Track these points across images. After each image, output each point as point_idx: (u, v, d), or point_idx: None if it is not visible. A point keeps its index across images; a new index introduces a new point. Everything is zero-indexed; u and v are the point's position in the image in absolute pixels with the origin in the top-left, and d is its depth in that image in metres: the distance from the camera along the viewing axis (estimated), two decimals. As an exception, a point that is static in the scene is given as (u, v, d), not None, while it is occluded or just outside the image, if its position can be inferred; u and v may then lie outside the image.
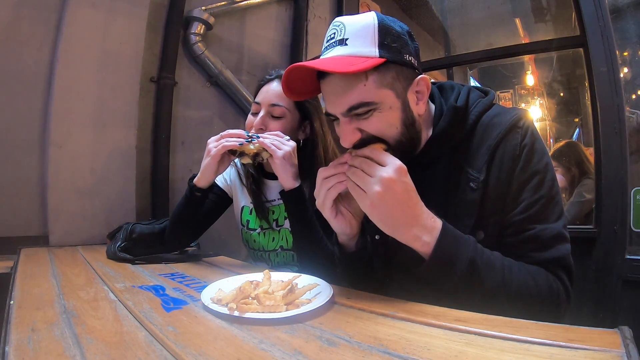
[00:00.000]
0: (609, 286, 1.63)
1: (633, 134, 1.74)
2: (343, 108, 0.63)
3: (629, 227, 1.62)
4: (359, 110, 0.62)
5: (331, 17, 2.62)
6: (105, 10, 1.46)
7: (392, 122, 0.63)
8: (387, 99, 0.62)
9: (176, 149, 1.81)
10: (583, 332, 0.46)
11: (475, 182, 0.64)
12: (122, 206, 1.50)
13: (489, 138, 0.66)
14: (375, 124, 0.63)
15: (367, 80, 0.60)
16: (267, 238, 1.07)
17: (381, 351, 0.44)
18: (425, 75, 0.66)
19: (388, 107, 0.62)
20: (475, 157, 0.66)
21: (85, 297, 0.67)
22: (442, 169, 0.69)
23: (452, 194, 0.66)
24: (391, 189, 0.56)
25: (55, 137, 1.36)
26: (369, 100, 0.61)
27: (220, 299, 0.60)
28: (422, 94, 0.66)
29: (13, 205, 1.32)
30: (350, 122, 0.64)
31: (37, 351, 0.43)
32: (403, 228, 0.58)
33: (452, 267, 0.57)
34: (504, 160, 0.64)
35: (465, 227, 0.63)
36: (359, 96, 0.61)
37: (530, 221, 0.62)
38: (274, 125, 0.97)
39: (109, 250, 1.10)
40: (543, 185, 0.63)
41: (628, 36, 1.86)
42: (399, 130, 0.64)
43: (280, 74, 1.00)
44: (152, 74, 1.74)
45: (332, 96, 0.64)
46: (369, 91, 0.61)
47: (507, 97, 4.18)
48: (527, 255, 0.62)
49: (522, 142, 0.64)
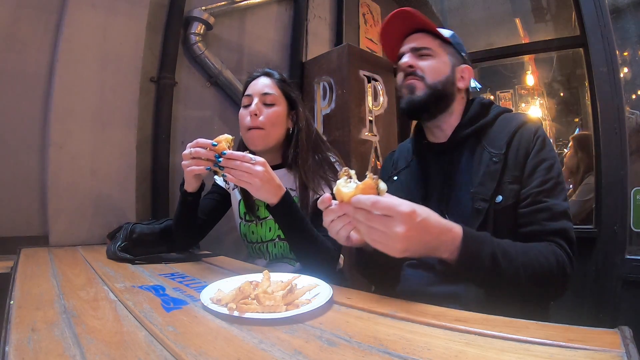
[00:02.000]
0: (609, 286, 1.63)
1: (633, 134, 1.74)
2: (414, 45, 0.88)
3: (629, 227, 1.62)
4: (422, 51, 0.87)
5: (331, 17, 2.62)
6: (105, 10, 1.46)
7: (438, 70, 0.85)
8: (443, 56, 0.87)
9: (176, 149, 1.81)
10: (583, 332, 0.46)
11: (497, 157, 0.79)
12: (122, 206, 1.50)
13: (508, 126, 0.82)
14: (428, 64, 0.85)
15: (436, 40, 0.88)
16: (264, 228, 1.09)
17: (381, 351, 0.44)
18: (469, 66, 0.90)
19: (442, 61, 0.86)
20: (495, 140, 0.81)
21: (85, 297, 0.67)
22: (468, 149, 0.84)
23: (476, 167, 0.80)
24: (411, 239, 0.57)
25: (55, 137, 1.36)
26: (430, 47, 0.87)
27: (220, 299, 0.60)
28: (464, 79, 0.89)
29: (13, 205, 1.32)
30: (412, 55, 0.87)
31: (37, 351, 0.43)
32: (429, 253, 0.63)
33: (477, 265, 0.63)
34: (522, 142, 0.79)
35: (488, 190, 0.76)
36: (427, 43, 0.87)
37: (544, 195, 0.74)
38: (268, 112, 1.02)
39: (109, 250, 1.10)
40: (553, 169, 0.76)
41: (628, 36, 1.86)
42: (441, 79, 0.85)
43: (266, 71, 1.09)
44: (152, 74, 1.74)
45: (412, 40, 0.89)
46: (434, 45, 0.87)
47: (507, 97, 4.18)
48: (540, 223, 0.73)
49: (536, 133, 0.79)
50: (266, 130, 1.01)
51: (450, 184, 0.84)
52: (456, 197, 0.82)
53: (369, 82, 2.16)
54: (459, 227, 0.64)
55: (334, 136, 2.06)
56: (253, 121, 1.01)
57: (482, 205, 0.76)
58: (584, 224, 1.86)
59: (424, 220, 0.59)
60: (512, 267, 0.65)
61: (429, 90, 0.84)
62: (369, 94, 2.14)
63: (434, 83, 0.84)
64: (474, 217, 0.77)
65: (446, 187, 0.84)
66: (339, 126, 2.06)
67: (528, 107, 3.96)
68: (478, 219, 0.76)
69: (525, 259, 0.66)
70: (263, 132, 1.01)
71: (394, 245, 0.58)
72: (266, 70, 1.09)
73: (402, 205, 0.57)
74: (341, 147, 1.99)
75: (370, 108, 2.14)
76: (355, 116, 2.04)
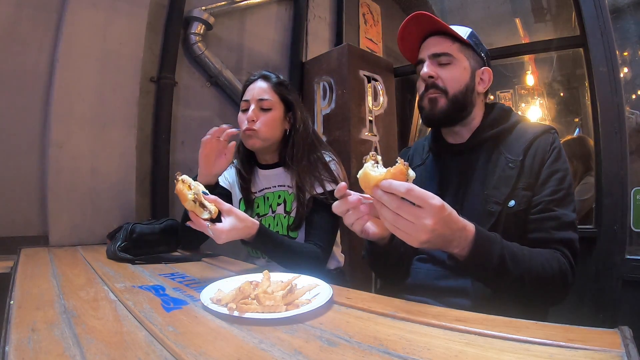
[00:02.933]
0: (609, 286, 1.63)
1: (633, 134, 1.74)
2: (434, 51, 0.86)
3: (629, 227, 1.62)
4: (442, 58, 0.86)
5: (331, 17, 2.62)
6: (105, 10, 1.46)
7: (460, 78, 0.86)
8: (463, 61, 0.86)
9: (176, 149, 1.81)
10: (583, 332, 0.46)
11: (513, 163, 0.81)
12: (122, 206, 1.50)
13: (527, 134, 0.84)
14: (449, 72, 0.85)
15: (455, 44, 0.86)
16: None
17: (381, 351, 0.44)
18: (489, 68, 0.90)
19: (462, 67, 0.86)
20: (513, 146, 0.83)
21: (85, 297, 0.67)
22: (486, 152, 0.85)
23: (492, 171, 0.82)
24: (435, 232, 0.57)
25: (55, 137, 1.36)
26: (451, 53, 0.85)
27: (220, 299, 0.60)
28: (484, 81, 0.90)
29: (13, 205, 1.32)
30: (432, 63, 0.86)
31: (37, 351, 0.43)
32: (443, 247, 0.64)
33: (485, 264, 0.65)
34: (538, 151, 0.81)
35: (502, 194, 0.79)
36: (446, 49, 0.86)
37: (554, 204, 0.77)
38: (264, 117, 1.06)
39: (109, 250, 1.10)
40: (565, 181, 0.79)
41: (628, 36, 1.86)
42: (461, 88, 0.85)
43: (263, 74, 1.11)
44: (152, 74, 1.74)
45: (428, 46, 0.88)
46: (453, 49, 0.86)
47: (507, 97, 4.17)
48: (548, 231, 0.75)
49: (552, 144, 0.82)
50: (262, 134, 1.06)
51: (465, 185, 0.85)
52: (470, 197, 0.83)
53: (368, 82, 2.15)
54: (472, 225, 0.65)
55: (334, 136, 2.06)
56: (250, 126, 1.06)
57: (495, 208, 0.78)
58: (584, 224, 1.86)
59: (449, 215, 0.59)
60: (518, 269, 0.67)
61: (450, 103, 0.85)
62: (369, 94, 2.14)
63: (454, 94, 0.85)
64: (485, 218, 0.78)
65: (461, 187, 0.86)
66: (339, 126, 2.06)
67: (528, 107, 3.96)
68: (489, 220, 0.78)
69: (531, 263, 0.68)
70: (260, 136, 1.06)
71: (418, 236, 0.58)
72: (263, 74, 1.12)
73: (434, 198, 0.57)
74: (341, 147, 1.99)
75: (370, 108, 2.14)
76: (355, 116, 2.04)
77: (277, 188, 1.12)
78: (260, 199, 1.14)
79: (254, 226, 0.87)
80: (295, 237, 1.08)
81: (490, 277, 0.68)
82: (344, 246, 1.26)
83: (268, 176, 1.14)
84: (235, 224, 0.82)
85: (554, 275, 0.70)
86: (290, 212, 1.08)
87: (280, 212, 1.10)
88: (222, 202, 0.82)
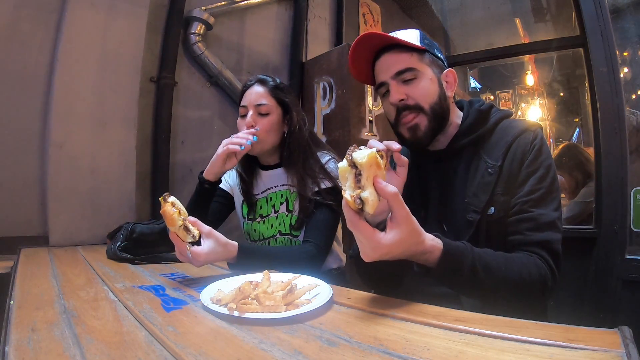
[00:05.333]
0: (609, 286, 1.63)
1: (633, 134, 1.74)
2: (395, 70, 0.79)
3: (629, 227, 1.62)
4: (405, 74, 0.79)
5: (331, 17, 2.62)
6: (105, 10, 1.46)
7: (430, 91, 0.79)
8: (427, 71, 0.80)
9: (176, 149, 1.80)
10: (583, 332, 0.46)
11: (492, 168, 0.77)
12: (122, 206, 1.50)
13: (507, 136, 0.79)
14: (418, 89, 0.79)
15: (413, 55, 0.80)
16: (266, 225, 1.13)
17: (381, 351, 0.44)
18: (452, 69, 0.84)
19: (428, 78, 0.80)
20: (493, 150, 0.79)
21: (85, 297, 0.67)
22: (466, 158, 0.82)
23: (472, 177, 0.79)
24: (390, 255, 0.56)
25: (55, 137, 1.36)
26: (413, 67, 0.79)
27: (220, 299, 0.60)
28: (450, 84, 0.83)
29: (13, 205, 1.32)
30: (398, 84, 0.79)
31: (37, 351, 0.43)
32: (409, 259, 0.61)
33: (454, 276, 0.63)
34: (517, 152, 0.77)
35: (480, 202, 0.76)
36: (407, 63, 0.79)
37: (530, 204, 0.73)
38: (263, 122, 1.08)
39: (109, 250, 1.10)
40: (545, 179, 0.74)
41: (628, 36, 1.86)
42: (435, 100, 0.80)
43: (259, 78, 1.13)
44: (152, 74, 1.74)
45: (387, 65, 0.81)
46: (413, 61, 0.79)
47: (507, 97, 4.18)
48: (523, 233, 0.72)
49: (533, 142, 0.77)
50: (261, 138, 1.07)
51: (447, 193, 0.83)
52: (452, 206, 0.81)
53: (369, 82, 2.15)
54: (440, 242, 0.61)
55: (334, 136, 2.06)
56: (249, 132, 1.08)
57: (474, 217, 0.76)
58: (584, 224, 1.86)
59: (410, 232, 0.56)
60: (492, 279, 0.64)
61: (431, 121, 0.79)
62: (368, 94, 2.14)
63: (431, 108, 0.79)
64: (466, 228, 0.76)
65: (443, 196, 0.83)
66: (339, 126, 2.06)
67: (528, 107, 3.96)
68: (469, 230, 0.75)
69: (506, 272, 0.65)
70: (258, 140, 1.08)
71: (370, 255, 0.56)
72: (259, 78, 1.13)
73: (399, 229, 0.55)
74: (341, 147, 1.99)
75: (370, 108, 2.14)
76: (355, 116, 2.04)
77: (280, 187, 1.13)
78: (262, 200, 1.15)
79: (233, 249, 0.86)
80: (298, 236, 1.09)
81: (463, 287, 0.66)
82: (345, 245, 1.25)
83: (270, 176, 1.16)
84: (214, 247, 0.81)
85: (532, 282, 0.66)
86: (292, 211, 1.10)
87: (283, 211, 1.11)
88: (202, 225, 0.81)
